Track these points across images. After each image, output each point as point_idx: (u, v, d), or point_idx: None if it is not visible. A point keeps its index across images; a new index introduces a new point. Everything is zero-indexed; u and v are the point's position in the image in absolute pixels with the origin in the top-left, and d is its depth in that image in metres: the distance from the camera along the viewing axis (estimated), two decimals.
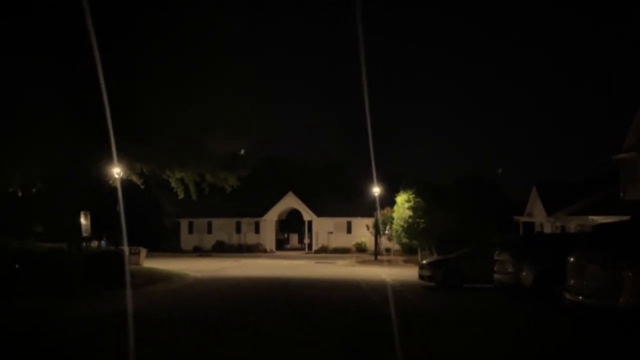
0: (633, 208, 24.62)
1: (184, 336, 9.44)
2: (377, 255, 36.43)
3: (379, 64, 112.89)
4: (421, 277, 19.54)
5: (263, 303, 14.29)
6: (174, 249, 45.16)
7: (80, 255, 15.88)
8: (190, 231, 48.98)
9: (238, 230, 48.02)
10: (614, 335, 8.57)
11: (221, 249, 45.35)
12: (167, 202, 44.63)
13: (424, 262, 20.47)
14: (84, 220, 16.23)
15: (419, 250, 35.41)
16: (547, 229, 32.03)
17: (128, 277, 17.15)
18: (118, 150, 17.36)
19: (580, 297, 8.72)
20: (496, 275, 14.74)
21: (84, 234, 16.38)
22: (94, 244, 34.99)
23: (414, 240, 35.23)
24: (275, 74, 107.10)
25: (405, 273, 25.51)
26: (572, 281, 9.08)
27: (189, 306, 13.75)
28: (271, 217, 47.93)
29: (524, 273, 13.47)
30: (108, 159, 18.86)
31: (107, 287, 15.69)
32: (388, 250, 39.11)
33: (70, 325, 10.55)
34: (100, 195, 25.96)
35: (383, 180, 38.94)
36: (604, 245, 8.80)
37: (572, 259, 9.16)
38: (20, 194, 17.92)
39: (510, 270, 13.95)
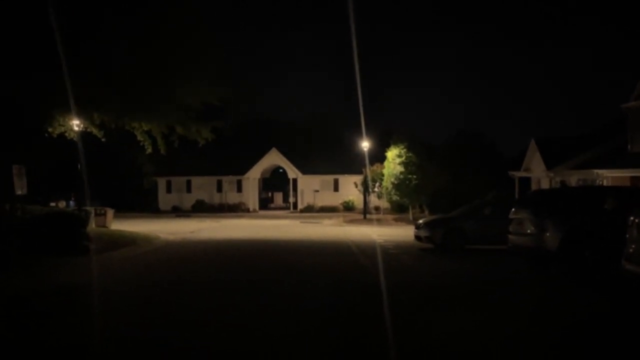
0: None
1: (124, 322, 7.21)
2: (366, 214, 34.59)
3: (369, 18, 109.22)
4: (417, 237, 17.52)
5: (234, 272, 12.12)
6: (151, 210, 43.08)
7: (19, 217, 13.46)
8: (169, 190, 46.57)
9: (219, 189, 45.71)
10: None
11: (201, 209, 43.26)
12: (145, 160, 42.20)
13: (421, 221, 18.37)
14: (17, 176, 13.73)
15: (410, 208, 33.78)
16: (545, 184, 30.16)
17: (86, 242, 15.03)
18: (73, 95, 15.01)
19: None
20: (511, 237, 12.56)
21: (18, 192, 13.87)
22: (61, 204, 32.49)
23: (405, 198, 33.66)
24: (257, 23, 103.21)
25: (397, 233, 23.72)
26: (635, 247, 6.89)
27: (147, 278, 11.49)
28: (254, 175, 45.61)
29: (548, 234, 11.28)
30: (63, 106, 16.47)
31: (56, 254, 13.44)
32: (377, 208, 37.35)
33: None
34: (59, 151, 23.46)
35: (373, 137, 36.93)
36: None
37: (635, 219, 6.93)
38: None
39: (530, 230, 11.75)
